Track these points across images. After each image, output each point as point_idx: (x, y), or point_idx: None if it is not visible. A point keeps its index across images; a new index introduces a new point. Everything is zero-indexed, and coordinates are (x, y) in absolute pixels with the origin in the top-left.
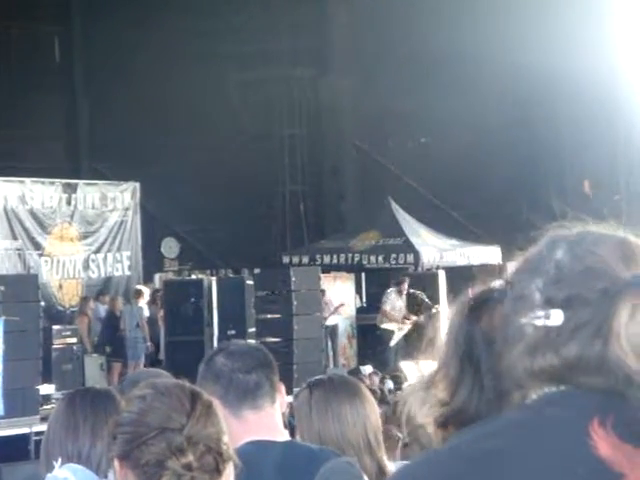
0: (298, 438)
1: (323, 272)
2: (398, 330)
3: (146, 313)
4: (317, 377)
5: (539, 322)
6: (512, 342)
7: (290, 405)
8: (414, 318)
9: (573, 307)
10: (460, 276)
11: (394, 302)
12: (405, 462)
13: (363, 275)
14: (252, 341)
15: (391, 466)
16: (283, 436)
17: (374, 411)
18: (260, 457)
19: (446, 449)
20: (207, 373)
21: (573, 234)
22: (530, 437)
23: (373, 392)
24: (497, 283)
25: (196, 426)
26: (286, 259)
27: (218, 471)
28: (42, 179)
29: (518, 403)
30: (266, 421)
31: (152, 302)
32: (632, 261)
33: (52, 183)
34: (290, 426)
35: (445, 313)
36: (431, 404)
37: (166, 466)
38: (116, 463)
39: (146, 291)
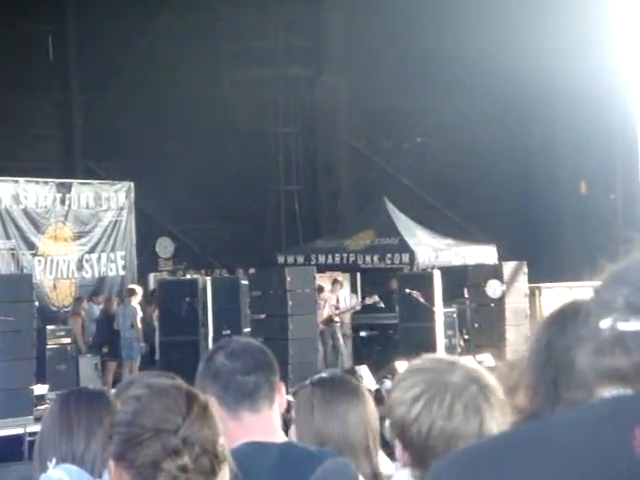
0: (293, 433)
1: (318, 272)
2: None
3: (140, 313)
4: (320, 375)
5: (616, 325)
6: (585, 342)
7: (288, 403)
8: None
9: None
10: (456, 276)
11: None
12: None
13: (358, 275)
14: (252, 339)
15: (389, 467)
16: (280, 437)
17: (374, 414)
18: (256, 458)
19: (492, 439)
20: (206, 371)
21: None
22: (576, 432)
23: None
24: (587, 296)
25: (192, 428)
26: (281, 259)
27: (213, 472)
28: (36, 179)
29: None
30: (264, 423)
31: (147, 302)
32: None
33: (46, 183)
34: (285, 423)
35: (440, 314)
36: (510, 411)
37: (161, 467)
38: (111, 463)
39: (139, 290)
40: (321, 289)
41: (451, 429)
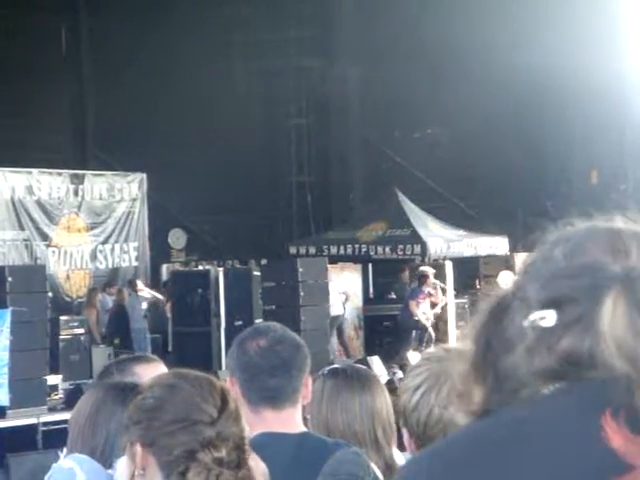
0: (309, 423)
1: (330, 263)
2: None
3: (145, 304)
4: (333, 366)
5: (536, 324)
6: (513, 344)
7: None
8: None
9: (563, 306)
10: (468, 267)
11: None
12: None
13: (370, 266)
14: (288, 331)
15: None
16: (299, 429)
17: (386, 406)
18: (272, 448)
19: (451, 441)
20: (236, 358)
21: (572, 231)
22: (541, 428)
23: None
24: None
25: (227, 423)
26: (293, 250)
27: (239, 467)
28: (50, 170)
29: (529, 398)
30: (283, 417)
31: (160, 293)
32: (620, 253)
33: (59, 174)
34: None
35: (452, 305)
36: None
37: (197, 458)
38: (138, 448)
39: (139, 282)
40: (426, 277)
41: (448, 418)
